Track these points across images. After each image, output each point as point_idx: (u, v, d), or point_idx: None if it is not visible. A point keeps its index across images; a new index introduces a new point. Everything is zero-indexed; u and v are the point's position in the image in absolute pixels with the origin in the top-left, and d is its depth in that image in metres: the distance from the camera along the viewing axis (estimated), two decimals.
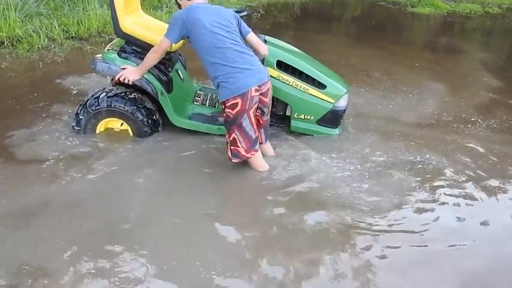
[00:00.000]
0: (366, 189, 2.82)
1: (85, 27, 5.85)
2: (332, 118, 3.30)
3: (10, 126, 3.35)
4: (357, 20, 9.65)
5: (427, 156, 3.29)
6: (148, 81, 3.01)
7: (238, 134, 2.76)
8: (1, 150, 3.06)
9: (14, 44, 5.23)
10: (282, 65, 3.17)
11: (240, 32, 2.83)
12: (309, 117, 3.28)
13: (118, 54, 3.08)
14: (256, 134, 2.84)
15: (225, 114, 2.77)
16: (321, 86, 3.21)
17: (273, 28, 7.83)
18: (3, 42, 5.19)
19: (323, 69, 3.40)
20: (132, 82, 2.92)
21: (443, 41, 8.17)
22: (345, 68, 5.35)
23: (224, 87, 2.68)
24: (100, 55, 3.14)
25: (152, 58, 2.82)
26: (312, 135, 3.36)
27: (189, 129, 3.26)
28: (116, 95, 3.07)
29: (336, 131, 3.41)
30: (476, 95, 4.83)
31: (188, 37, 2.74)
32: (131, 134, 3.19)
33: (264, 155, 3.01)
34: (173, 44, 2.80)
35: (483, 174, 3.13)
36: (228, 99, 2.68)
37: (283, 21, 8.66)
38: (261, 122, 2.92)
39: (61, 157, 2.98)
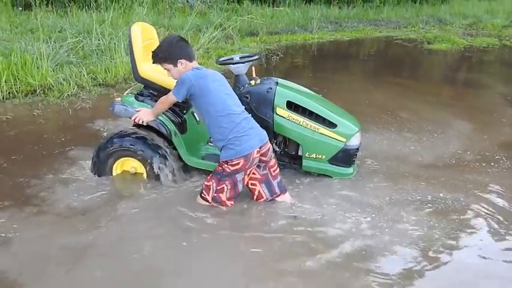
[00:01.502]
0: (382, 240, 2.70)
1: (112, 75, 6.07)
2: (344, 157, 3.30)
3: (36, 173, 3.43)
4: (374, 58, 9.78)
5: (442, 195, 3.23)
6: (162, 122, 3.14)
7: (228, 185, 2.84)
8: (25, 198, 3.11)
9: (45, 91, 5.45)
10: (292, 106, 3.23)
11: None
12: (320, 157, 3.29)
13: (135, 98, 3.25)
14: (242, 188, 2.90)
15: (221, 168, 2.84)
16: (331, 125, 3.23)
17: (291, 70, 7.99)
18: (35, 91, 5.42)
19: (334, 108, 3.43)
20: (147, 123, 3.05)
21: (464, 76, 8.20)
22: (369, 107, 5.42)
23: (230, 148, 2.77)
24: (119, 99, 3.31)
25: (161, 107, 2.97)
26: (323, 176, 3.35)
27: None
28: (130, 135, 3.17)
29: (350, 170, 3.39)
30: (501, 131, 4.78)
31: (190, 96, 2.83)
32: (145, 177, 3.24)
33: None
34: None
35: (507, 214, 3.05)
36: (231, 160, 2.77)
37: (302, 63, 8.84)
38: (258, 176, 2.96)
39: (85, 206, 3.02)
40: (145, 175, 3.25)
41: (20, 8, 9.45)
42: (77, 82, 5.72)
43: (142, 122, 3.02)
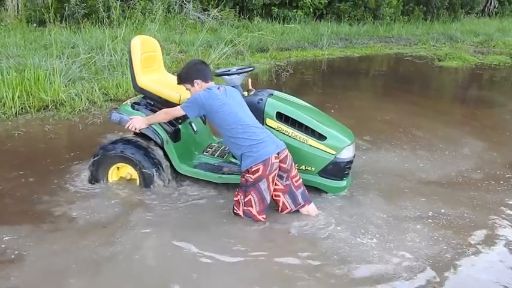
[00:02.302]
0: (390, 261, 2.65)
1: (123, 90, 6.12)
2: (334, 170, 3.25)
3: (47, 189, 3.44)
4: (384, 75, 9.76)
5: (447, 211, 3.23)
6: (155, 130, 3.27)
7: (254, 195, 2.91)
8: (38, 214, 3.10)
9: (57, 107, 5.50)
10: (282, 117, 3.24)
11: None
12: (309, 168, 3.26)
13: (132, 107, 3.41)
14: (269, 199, 2.97)
15: (244, 179, 2.94)
16: (321, 137, 3.21)
17: (301, 86, 8.00)
18: (47, 106, 5.47)
19: (327, 121, 3.40)
20: (139, 130, 3.20)
21: (476, 94, 8.12)
22: (382, 124, 5.40)
23: (248, 156, 2.89)
24: (119, 107, 3.47)
25: (162, 118, 3.15)
26: (321, 192, 3.32)
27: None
28: (124, 142, 3.32)
29: (343, 183, 3.34)
30: None
31: (205, 116, 3.03)
32: (138, 183, 3.37)
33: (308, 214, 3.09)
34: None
35: None
36: (251, 167, 2.87)
37: (312, 79, 8.84)
38: (281, 186, 3.01)
39: (99, 220, 3.03)
40: (138, 181, 3.37)
41: (35, 25, 9.63)
42: (89, 97, 5.77)
43: (135, 129, 3.18)
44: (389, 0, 16.79)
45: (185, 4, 11.86)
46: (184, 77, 3.10)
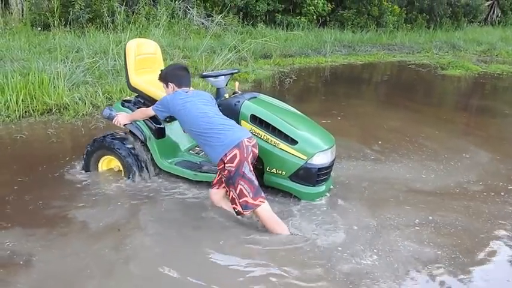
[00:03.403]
0: (386, 267, 2.61)
1: (127, 95, 6.08)
2: (306, 175, 3.18)
3: (50, 193, 3.43)
4: (388, 83, 9.75)
5: (443, 221, 3.19)
6: (139, 127, 3.48)
7: (243, 183, 2.86)
8: (46, 220, 3.08)
9: (61, 111, 5.51)
10: (256, 119, 3.24)
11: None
12: (280, 172, 3.23)
13: (121, 104, 3.68)
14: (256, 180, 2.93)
15: (226, 171, 2.87)
16: (293, 141, 3.17)
17: (304, 93, 7.98)
18: (51, 110, 5.48)
19: (304, 126, 3.33)
20: (123, 126, 3.46)
21: (481, 103, 8.08)
22: (388, 133, 5.36)
23: (217, 146, 2.89)
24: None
25: (139, 116, 3.40)
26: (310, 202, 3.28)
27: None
28: (112, 136, 3.59)
29: (319, 189, 3.26)
30: None
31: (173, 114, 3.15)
32: (123, 175, 3.59)
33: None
34: None
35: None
36: (226, 154, 2.85)
37: (315, 86, 8.84)
38: None
39: (105, 224, 3.01)
40: (123, 173, 3.59)
41: (39, 28, 9.65)
42: (92, 102, 5.78)
43: (120, 124, 3.44)
44: (393, 8, 16.87)
45: (189, 10, 11.90)
46: (163, 77, 3.27)
